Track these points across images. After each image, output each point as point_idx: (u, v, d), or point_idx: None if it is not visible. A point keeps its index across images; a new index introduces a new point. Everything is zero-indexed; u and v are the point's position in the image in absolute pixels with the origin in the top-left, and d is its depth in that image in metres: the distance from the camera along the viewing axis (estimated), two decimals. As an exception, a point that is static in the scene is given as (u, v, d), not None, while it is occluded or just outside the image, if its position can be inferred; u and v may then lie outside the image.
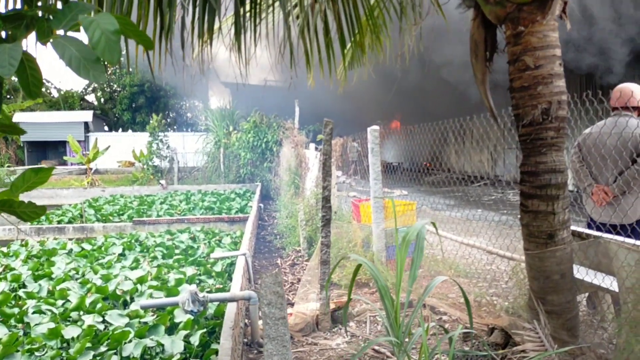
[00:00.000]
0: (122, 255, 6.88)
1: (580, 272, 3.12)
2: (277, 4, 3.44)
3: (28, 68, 1.51)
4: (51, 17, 1.60)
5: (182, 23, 2.56)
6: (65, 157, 21.12)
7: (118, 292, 4.91)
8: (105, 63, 1.49)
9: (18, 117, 28.31)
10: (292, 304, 4.75)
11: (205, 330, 3.89)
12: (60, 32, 1.51)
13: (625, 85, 3.99)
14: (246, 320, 4.45)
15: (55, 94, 39.21)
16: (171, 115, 40.02)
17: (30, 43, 1.56)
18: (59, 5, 1.90)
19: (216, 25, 3.34)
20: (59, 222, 10.38)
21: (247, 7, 3.25)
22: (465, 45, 3.27)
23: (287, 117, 15.56)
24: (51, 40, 1.47)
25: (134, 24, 1.68)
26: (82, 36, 1.52)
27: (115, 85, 39.65)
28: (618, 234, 3.43)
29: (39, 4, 1.82)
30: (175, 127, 38.00)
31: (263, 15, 3.48)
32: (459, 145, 24.13)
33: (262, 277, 2.06)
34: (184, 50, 2.79)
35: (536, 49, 2.72)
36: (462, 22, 3.56)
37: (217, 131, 18.31)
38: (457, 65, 14.43)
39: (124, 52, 3.07)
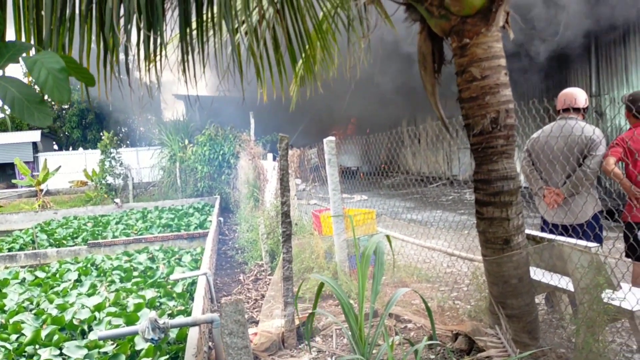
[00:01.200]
0: (78, 281, 6.65)
1: (537, 274, 3.20)
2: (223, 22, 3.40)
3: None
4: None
5: (125, 49, 2.49)
6: (13, 181, 20.29)
7: (75, 322, 4.74)
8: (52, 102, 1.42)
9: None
10: (256, 322, 4.69)
11: (167, 356, 3.80)
12: (-1, 72, 1.44)
13: (569, 90, 4.15)
14: (210, 343, 4.36)
15: (0, 114, 37.68)
16: (123, 130, 39.06)
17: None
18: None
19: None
20: (9, 249, 9.95)
21: (194, 26, 3.19)
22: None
23: (243, 129, 15.45)
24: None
25: (75, 60, 1.62)
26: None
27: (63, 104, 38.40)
28: (570, 235, 3.54)
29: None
30: (128, 142, 37.10)
31: (210, 33, 3.43)
32: (414, 147, 24.53)
33: (222, 307, 2.02)
34: (130, 75, 2.72)
35: (482, 60, 2.78)
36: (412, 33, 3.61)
37: (171, 145, 17.99)
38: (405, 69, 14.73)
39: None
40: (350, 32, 4.00)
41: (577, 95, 4.08)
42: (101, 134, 21.00)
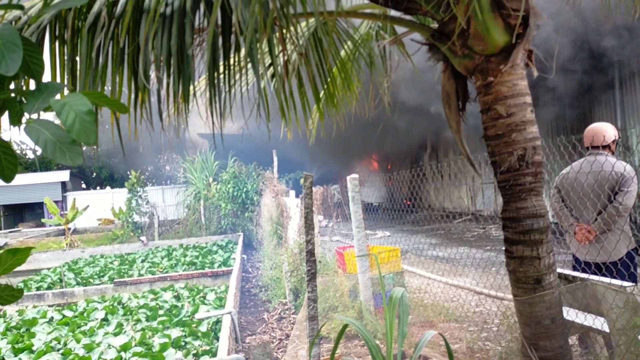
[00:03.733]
0: (104, 320, 6.68)
1: (570, 314, 3.11)
2: (249, 65, 3.49)
3: (2, 154, 1.48)
4: (23, 99, 1.59)
5: (158, 95, 2.56)
6: (43, 220, 20.67)
7: (101, 363, 4.74)
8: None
9: (-8, 181, 27.78)
10: (282, 363, 4.63)
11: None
12: (34, 115, 1.49)
13: (597, 125, 4.09)
14: (236, 384, 4.30)
15: (30, 155, 38.76)
16: (149, 169, 39.76)
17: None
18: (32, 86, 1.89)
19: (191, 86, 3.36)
20: (37, 288, 10.08)
21: (221, 70, 3.28)
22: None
23: (266, 166, 15.59)
24: (24, 125, 1.45)
25: (106, 95, 1.67)
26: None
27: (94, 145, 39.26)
28: (604, 273, 3.44)
29: (12, 86, 1.81)
30: (153, 180, 37.70)
31: (237, 76, 3.52)
32: (437, 182, 24.38)
33: (250, 349, 2.00)
34: (161, 118, 2.79)
35: (507, 98, 2.78)
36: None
37: (196, 183, 18.23)
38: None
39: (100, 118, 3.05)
40: (373, 69, 4.07)
41: (606, 130, 4.03)
42: (128, 172, 21.38)
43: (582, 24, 10.91)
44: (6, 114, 1.54)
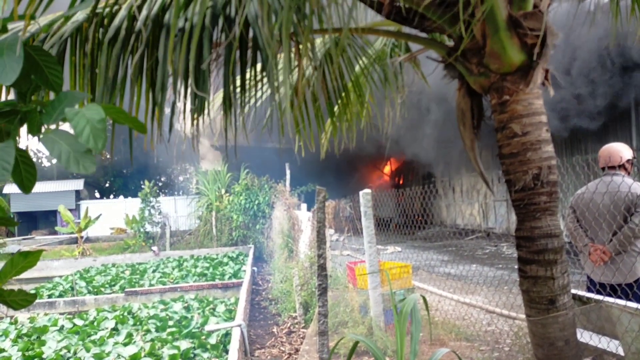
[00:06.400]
0: (114, 329, 6.70)
1: (584, 336, 3.06)
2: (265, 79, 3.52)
3: (21, 164, 1.50)
4: (43, 110, 1.61)
5: (172, 107, 2.60)
6: (56, 228, 20.86)
7: (110, 373, 4.75)
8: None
9: (9, 188, 28.15)
10: (290, 378, 4.60)
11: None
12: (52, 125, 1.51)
13: (612, 146, 4.07)
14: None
15: (46, 163, 39.25)
16: (162, 179, 40.07)
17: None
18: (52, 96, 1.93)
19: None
20: (49, 296, 10.14)
21: (238, 82, 3.31)
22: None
23: (278, 178, 15.63)
24: (41, 136, 1.47)
25: (125, 111, 1.69)
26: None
27: (107, 154, 39.83)
28: (619, 295, 3.40)
29: (32, 97, 1.84)
30: (166, 191, 37.96)
31: (252, 91, 3.55)
32: (448, 199, 24.25)
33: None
34: (173, 128, 2.83)
35: (522, 117, 2.77)
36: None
37: (209, 194, 18.31)
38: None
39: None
40: (387, 85, 4.09)
41: (622, 150, 4.01)
42: (141, 182, 21.56)
43: (598, 41, 10.87)
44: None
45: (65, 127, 1.57)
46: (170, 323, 6.78)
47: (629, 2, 3.62)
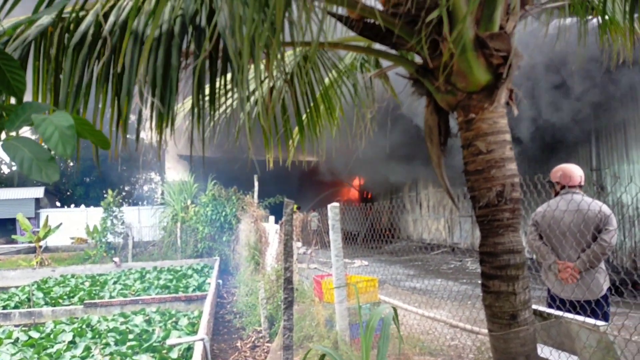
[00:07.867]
0: (72, 342, 6.48)
1: (544, 352, 3.12)
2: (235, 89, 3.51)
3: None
4: (4, 114, 1.56)
5: (139, 115, 2.55)
6: (14, 237, 20.12)
7: (65, 388, 4.58)
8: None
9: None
10: (253, 393, 4.53)
11: None
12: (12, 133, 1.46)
13: (570, 167, 4.24)
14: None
15: (5, 169, 38.07)
16: (126, 188, 39.28)
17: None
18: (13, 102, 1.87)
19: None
20: (4, 307, 9.76)
21: (207, 92, 3.28)
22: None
23: (246, 189, 15.49)
24: (1, 142, 1.43)
25: (90, 123, 1.65)
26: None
27: (72, 161, 38.86)
28: (578, 312, 3.47)
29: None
30: (130, 200, 37.21)
31: (221, 100, 3.53)
32: (415, 214, 24.51)
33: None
34: (137, 139, 2.78)
35: (487, 135, 2.83)
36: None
37: (174, 205, 18.01)
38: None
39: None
40: (357, 99, 4.13)
41: (579, 172, 4.18)
42: (103, 191, 21.10)
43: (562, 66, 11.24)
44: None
45: (25, 130, 1.52)
46: (131, 336, 6.61)
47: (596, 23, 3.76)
